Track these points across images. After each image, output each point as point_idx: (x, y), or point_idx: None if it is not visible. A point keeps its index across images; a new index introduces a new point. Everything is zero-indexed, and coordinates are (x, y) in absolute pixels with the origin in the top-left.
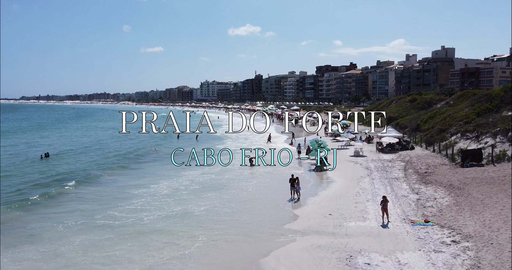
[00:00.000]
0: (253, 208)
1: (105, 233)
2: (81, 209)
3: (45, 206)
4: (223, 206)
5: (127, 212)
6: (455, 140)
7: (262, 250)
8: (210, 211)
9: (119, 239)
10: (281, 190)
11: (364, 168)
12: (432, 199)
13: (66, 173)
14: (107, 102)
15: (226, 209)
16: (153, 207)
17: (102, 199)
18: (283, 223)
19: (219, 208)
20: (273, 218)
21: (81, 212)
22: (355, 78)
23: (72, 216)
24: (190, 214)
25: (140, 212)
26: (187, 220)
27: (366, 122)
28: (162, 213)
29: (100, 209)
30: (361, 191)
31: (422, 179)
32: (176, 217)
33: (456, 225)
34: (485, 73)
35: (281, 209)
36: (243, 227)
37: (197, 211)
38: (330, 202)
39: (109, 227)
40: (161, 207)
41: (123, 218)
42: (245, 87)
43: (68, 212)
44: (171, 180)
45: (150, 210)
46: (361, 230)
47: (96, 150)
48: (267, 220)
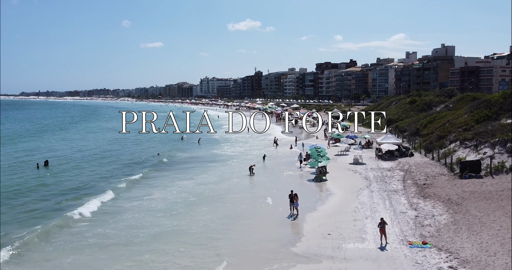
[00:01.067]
0: (250, 225)
1: (97, 253)
2: (70, 225)
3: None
4: (220, 222)
5: (120, 229)
6: (454, 148)
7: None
8: (207, 227)
9: (113, 259)
10: (280, 204)
11: (363, 178)
12: (430, 216)
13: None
14: (107, 98)
15: (222, 226)
16: (148, 223)
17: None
18: (282, 244)
19: (215, 224)
20: (272, 238)
21: (70, 229)
22: (355, 75)
23: (60, 234)
24: (186, 231)
25: (133, 228)
26: (183, 238)
27: (366, 123)
28: (157, 229)
29: (90, 226)
30: (359, 206)
31: (420, 192)
32: (171, 234)
33: (454, 248)
34: (485, 72)
35: (280, 227)
36: (240, 248)
37: (194, 228)
38: (329, 219)
39: (101, 246)
40: (156, 223)
41: (115, 236)
42: (245, 83)
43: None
44: (166, 191)
45: (144, 226)
46: (360, 253)
47: (100, 158)
48: (265, 240)
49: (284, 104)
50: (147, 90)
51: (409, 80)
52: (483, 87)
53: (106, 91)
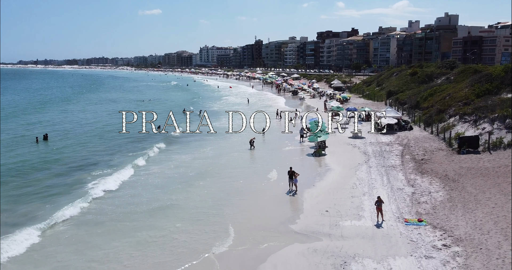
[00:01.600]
0: (248, 202)
1: (93, 229)
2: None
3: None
4: (217, 197)
5: (116, 205)
6: (453, 122)
7: (259, 254)
8: (204, 203)
9: (110, 235)
10: (280, 179)
11: (362, 153)
12: (427, 193)
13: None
14: (106, 67)
15: (219, 202)
16: (145, 199)
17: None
18: (280, 222)
19: (213, 200)
20: (270, 215)
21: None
22: (356, 44)
23: None
24: (183, 206)
25: (130, 205)
26: (180, 214)
27: (366, 95)
28: (154, 205)
29: (83, 200)
30: (357, 183)
31: (418, 167)
32: (168, 209)
33: (448, 226)
34: (488, 42)
35: (278, 203)
36: (237, 225)
37: (191, 204)
38: (327, 196)
39: (97, 222)
40: (153, 199)
41: (111, 213)
42: (245, 52)
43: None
44: (163, 166)
45: (141, 202)
46: (356, 231)
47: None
48: (263, 217)
49: (284, 74)
50: (146, 59)
51: (411, 50)
52: (486, 57)
53: (105, 59)
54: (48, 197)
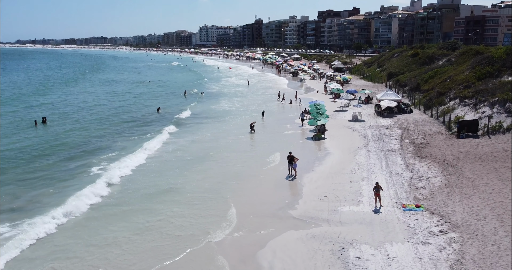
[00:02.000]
0: (248, 186)
1: (90, 214)
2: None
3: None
4: (215, 181)
5: (112, 190)
6: (453, 105)
7: (258, 239)
8: (201, 187)
9: (107, 219)
10: (279, 164)
11: (361, 137)
12: (425, 178)
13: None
14: (105, 47)
15: (217, 186)
16: (142, 183)
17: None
18: (279, 207)
19: (210, 184)
20: (269, 200)
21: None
22: (357, 24)
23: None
24: (179, 191)
25: (127, 189)
26: (177, 198)
27: (366, 76)
28: (150, 190)
29: (80, 185)
30: (356, 167)
31: (417, 152)
32: (165, 194)
33: (445, 212)
34: (490, 22)
35: (278, 188)
36: (235, 210)
37: (188, 188)
38: (326, 181)
39: (93, 207)
40: (150, 183)
41: (108, 197)
42: (245, 32)
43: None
44: (161, 150)
45: (138, 187)
46: (354, 216)
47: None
48: (262, 202)
49: (284, 54)
50: (145, 38)
51: (413, 30)
52: (488, 37)
53: (103, 39)
54: (48, 184)
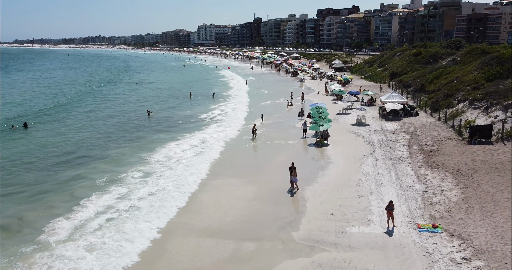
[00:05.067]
0: (248, 202)
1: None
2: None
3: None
4: (212, 197)
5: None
6: (462, 108)
7: (258, 267)
8: (196, 205)
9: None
10: (281, 174)
11: (366, 143)
12: (439, 191)
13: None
14: (103, 46)
15: (215, 201)
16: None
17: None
18: (281, 227)
19: (208, 200)
20: (270, 217)
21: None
22: (357, 22)
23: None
24: (166, 206)
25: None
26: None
27: (368, 76)
28: (134, 212)
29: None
30: (363, 179)
31: (427, 160)
32: (158, 212)
33: (466, 234)
34: (493, 19)
35: (278, 203)
36: (236, 230)
37: (185, 205)
38: (331, 195)
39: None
40: (134, 205)
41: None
42: (244, 31)
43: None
44: (150, 161)
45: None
46: (365, 239)
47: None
48: (262, 220)
49: (284, 53)
50: (143, 37)
51: (413, 28)
52: (490, 35)
53: (101, 38)
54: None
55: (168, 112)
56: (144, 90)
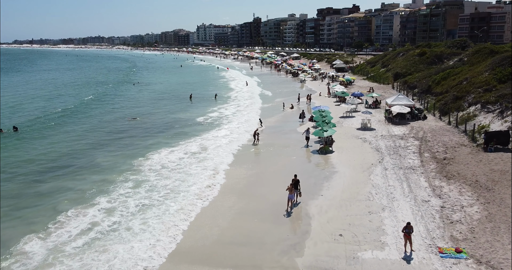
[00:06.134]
0: (246, 220)
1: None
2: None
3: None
4: (207, 213)
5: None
6: (474, 112)
7: None
8: (191, 223)
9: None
10: (282, 186)
11: (374, 150)
12: (459, 207)
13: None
14: (102, 46)
15: (211, 218)
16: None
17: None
18: (283, 251)
19: (203, 217)
20: (271, 238)
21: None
22: (358, 22)
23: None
24: (163, 226)
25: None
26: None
27: (370, 77)
28: (126, 224)
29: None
30: (373, 192)
31: (441, 170)
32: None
33: (496, 260)
34: (496, 18)
35: (280, 223)
36: (234, 255)
37: (178, 222)
38: (338, 212)
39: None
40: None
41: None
42: (243, 31)
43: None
44: (144, 171)
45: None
46: (380, 266)
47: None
48: (263, 243)
49: (283, 53)
50: (142, 37)
51: (415, 28)
52: (494, 35)
53: (101, 38)
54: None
55: (166, 115)
56: (141, 91)
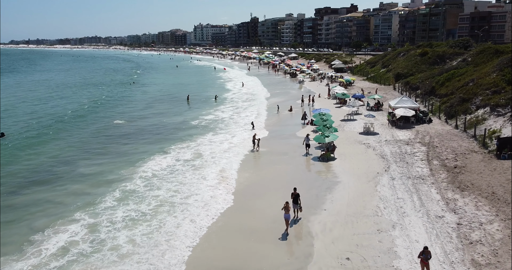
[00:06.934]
0: (244, 239)
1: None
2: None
3: None
4: (200, 236)
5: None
6: (483, 115)
7: None
8: (181, 246)
9: None
10: (281, 198)
11: (378, 157)
12: (477, 224)
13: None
14: (99, 47)
15: (205, 236)
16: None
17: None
18: None
19: (193, 241)
20: (271, 262)
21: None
22: (356, 21)
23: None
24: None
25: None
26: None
27: (370, 77)
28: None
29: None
30: (381, 206)
31: (453, 180)
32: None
33: None
34: (497, 18)
35: (280, 243)
36: None
37: (167, 243)
38: (344, 230)
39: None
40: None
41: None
42: (241, 30)
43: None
44: (133, 180)
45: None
46: None
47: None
48: (260, 269)
49: (281, 53)
50: (139, 37)
51: (414, 27)
52: (495, 34)
53: (98, 39)
54: None
55: (159, 119)
56: (137, 92)
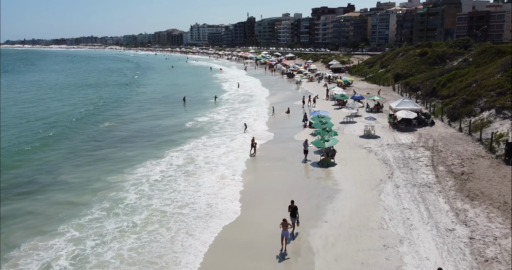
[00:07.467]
0: (240, 256)
1: None
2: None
3: None
4: (192, 251)
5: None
6: (488, 118)
7: None
8: (170, 264)
9: None
10: (278, 209)
11: (381, 162)
12: (491, 238)
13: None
14: (95, 47)
15: (193, 258)
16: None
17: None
18: None
19: (184, 257)
20: None
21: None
22: (353, 21)
23: None
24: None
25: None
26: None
27: (369, 78)
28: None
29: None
30: (386, 217)
31: (462, 188)
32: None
33: None
34: (495, 17)
35: (278, 262)
36: None
37: (158, 257)
38: (347, 245)
39: None
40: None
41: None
42: (237, 30)
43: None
44: (126, 190)
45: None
46: None
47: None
48: None
49: (278, 53)
50: (135, 37)
51: (412, 27)
52: (493, 34)
53: (94, 39)
54: None
55: (154, 121)
56: (133, 93)
